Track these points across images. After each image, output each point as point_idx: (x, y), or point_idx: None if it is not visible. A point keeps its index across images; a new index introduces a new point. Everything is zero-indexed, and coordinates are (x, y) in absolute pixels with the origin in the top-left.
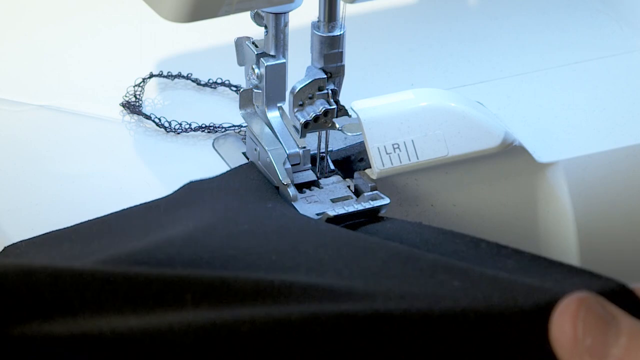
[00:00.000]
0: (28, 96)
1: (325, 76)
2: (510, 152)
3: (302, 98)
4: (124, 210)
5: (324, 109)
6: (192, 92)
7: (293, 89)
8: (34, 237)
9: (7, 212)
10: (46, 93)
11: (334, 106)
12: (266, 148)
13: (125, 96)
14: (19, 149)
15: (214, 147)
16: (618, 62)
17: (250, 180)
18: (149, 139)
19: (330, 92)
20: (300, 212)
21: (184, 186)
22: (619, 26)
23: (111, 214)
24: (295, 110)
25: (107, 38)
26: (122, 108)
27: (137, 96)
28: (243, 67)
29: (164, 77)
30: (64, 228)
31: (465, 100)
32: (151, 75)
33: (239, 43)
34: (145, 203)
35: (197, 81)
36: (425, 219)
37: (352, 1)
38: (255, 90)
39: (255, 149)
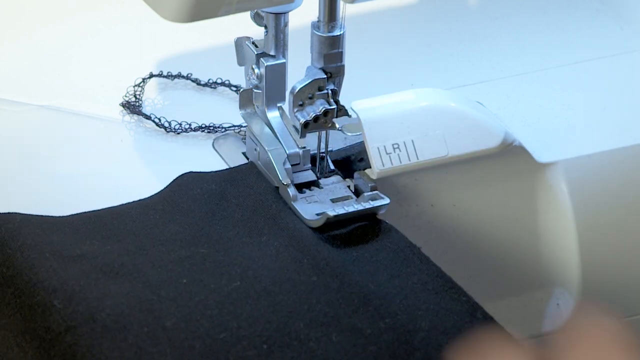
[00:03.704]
0: (28, 96)
1: (325, 76)
2: (510, 152)
3: (302, 98)
4: (118, 207)
5: (324, 109)
6: (192, 92)
7: (293, 89)
8: (29, 216)
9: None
10: (46, 93)
11: (334, 106)
12: (266, 148)
13: (125, 96)
14: (19, 149)
15: (214, 147)
16: (618, 62)
17: (248, 189)
18: (149, 138)
19: (330, 92)
20: (300, 212)
21: (178, 177)
22: (619, 26)
23: (106, 209)
24: (295, 110)
25: (107, 38)
26: (122, 108)
27: (137, 96)
28: (243, 67)
29: (164, 77)
30: (59, 217)
31: (465, 100)
32: (151, 75)
33: (239, 43)
34: (140, 201)
35: (197, 81)
36: (425, 219)
37: (352, 1)
38: (255, 90)
39: (255, 149)
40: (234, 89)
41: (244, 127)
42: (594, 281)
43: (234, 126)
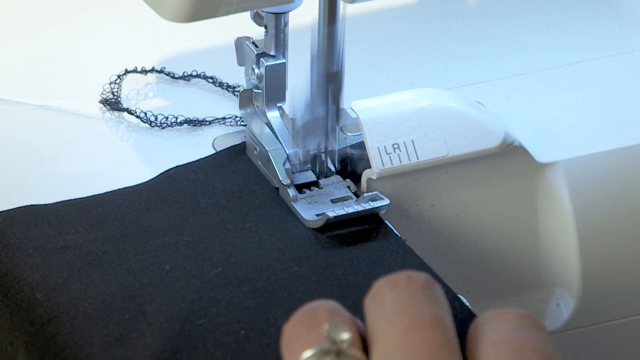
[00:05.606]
0: (28, 96)
1: None
2: (510, 152)
3: None
4: (104, 193)
5: None
6: (195, 90)
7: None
8: (14, 211)
9: None
10: (46, 93)
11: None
12: (266, 148)
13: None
14: (19, 149)
15: (214, 147)
16: (618, 62)
17: (236, 175)
18: (150, 139)
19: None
20: (301, 212)
21: (166, 171)
22: (619, 26)
23: (93, 196)
24: None
25: (107, 38)
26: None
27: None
28: (243, 67)
29: (166, 75)
30: (46, 205)
31: (465, 100)
32: (153, 70)
33: (239, 43)
34: (126, 188)
35: (209, 79)
36: (425, 219)
37: (352, 1)
38: (255, 90)
39: (256, 149)
40: (231, 90)
41: (228, 118)
42: (594, 281)
43: (217, 119)
